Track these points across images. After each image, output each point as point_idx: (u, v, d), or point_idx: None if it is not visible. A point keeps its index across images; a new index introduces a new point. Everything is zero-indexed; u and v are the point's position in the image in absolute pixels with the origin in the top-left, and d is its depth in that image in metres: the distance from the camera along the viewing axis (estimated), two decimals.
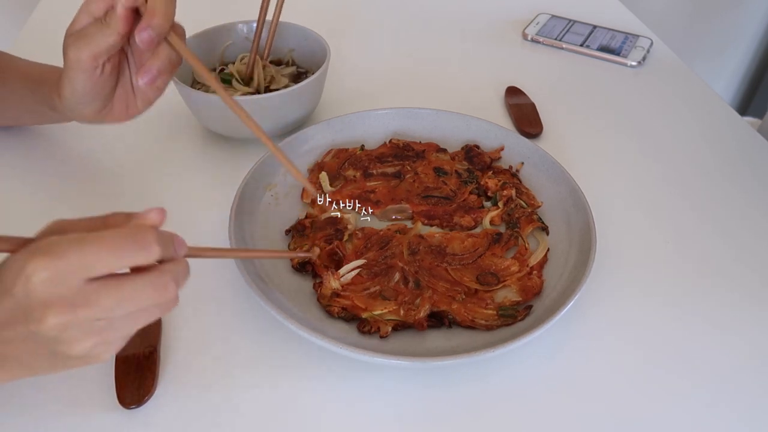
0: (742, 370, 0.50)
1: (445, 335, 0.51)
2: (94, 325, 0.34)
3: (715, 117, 0.80)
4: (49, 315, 0.32)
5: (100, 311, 0.33)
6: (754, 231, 0.63)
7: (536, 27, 0.96)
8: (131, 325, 0.36)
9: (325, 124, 0.69)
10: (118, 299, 0.34)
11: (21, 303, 0.33)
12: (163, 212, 0.36)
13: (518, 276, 0.55)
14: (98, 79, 0.49)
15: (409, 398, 0.48)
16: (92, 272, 0.33)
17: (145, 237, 0.34)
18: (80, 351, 0.35)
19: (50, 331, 0.33)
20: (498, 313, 0.52)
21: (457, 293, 0.53)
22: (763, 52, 1.78)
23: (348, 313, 0.51)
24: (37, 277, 0.32)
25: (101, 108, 0.52)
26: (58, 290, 0.32)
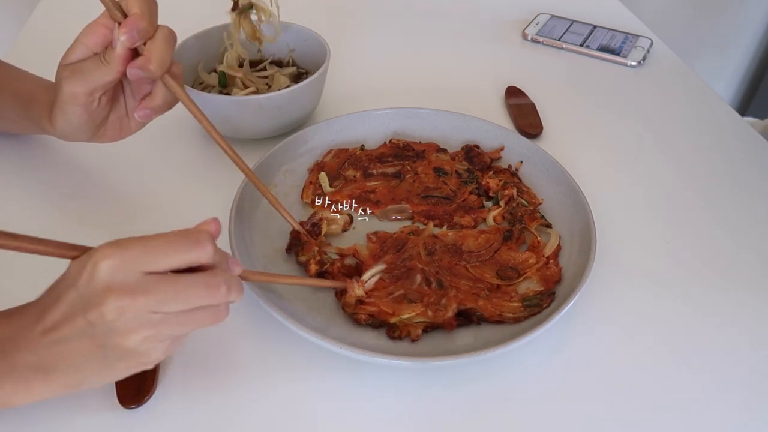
0: (743, 368, 0.50)
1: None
2: (149, 317, 0.36)
3: (715, 117, 0.80)
4: (110, 298, 0.35)
5: (156, 302, 0.35)
6: (755, 231, 0.63)
7: (536, 27, 0.96)
8: (183, 326, 0.38)
9: (325, 124, 0.69)
10: (173, 291, 0.36)
11: (83, 293, 0.35)
12: (218, 222, 0.40)
13: (537, 267, 0.56)
14: (93, 111, 0.50)
15: (410, 398, 0.48)
16: (153, 265, 0.36)
17: (201, 237, 0.38)
18: (133, 343, 0.36)
19: (109, 314, 0.35)
20: (523, 304, 0.52)
21: (480, 290, 0.53)
22: (763, 52, 1.78)
23: (375, 320, 0.51)
24: (103, 263, 0.35)
25: (94, 133, 0.53)
26: (120, 278, 0.35)
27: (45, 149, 0.69)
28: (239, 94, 0.70)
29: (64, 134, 0.53)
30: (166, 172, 0.68)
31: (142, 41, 0.46)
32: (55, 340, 0.36)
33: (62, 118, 0.50)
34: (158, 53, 0.46)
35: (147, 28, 0.45)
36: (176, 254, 0.36)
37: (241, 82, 0.72)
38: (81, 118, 0.50)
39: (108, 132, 0.53)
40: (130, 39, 0.45)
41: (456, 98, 0.79)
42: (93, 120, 0.51)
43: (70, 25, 0.49)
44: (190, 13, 0.92)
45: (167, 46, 0.46)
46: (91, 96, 0.48)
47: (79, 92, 0.48)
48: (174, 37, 0.47)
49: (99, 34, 0.47)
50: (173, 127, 0.73)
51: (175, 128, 0.73)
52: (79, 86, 0.47)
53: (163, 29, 0.47)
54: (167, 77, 0.48)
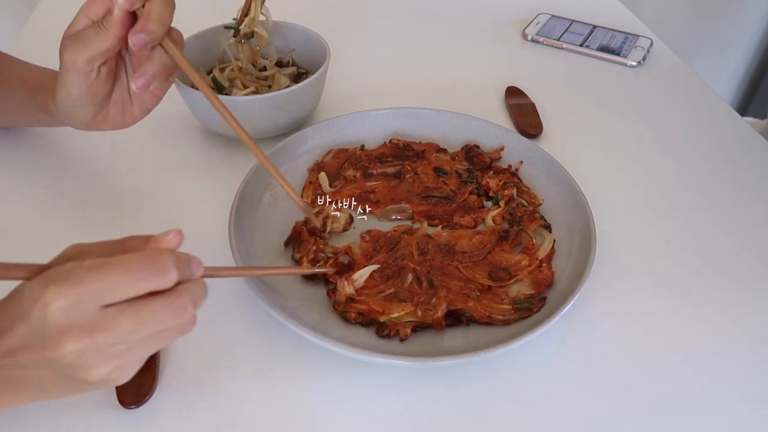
0: (743, 368, 0.50)
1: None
2: (112, 349, 0.34)
3: (715, 117, 0.80)
4: (67, 342, 0.32)
5: (118, 336, 0.33)
6: (755, 231, 0.63)
7: (536, 27, 0.96)
8: (149, 348, 0.36)
9: (325, 124, 0.69)
10: (136, 323, 0.33)
11: (37, 330, 0.33)
12: (180, 234, 0.36)
13: (529, 270, 0.56)
14: (93, 82, 0.49)
15: (410, 398, 0.48)
16: (109, 298, 0.33)
17: (163, 261, 0.34)
18: (98, 376, 0.34)
19: (67, 357, 0.33)
20: (514, 307, 0.52)
21: (471, 291, 0.53)
22: (763, 52, 1.78)
23: (365, 318, 0.51)
24: (54, 304, 0.32)
25: (96, 113, 0.52)
26: (75, 317, 0.32)
27: (46, 146, 0.69)
28: (239, 94, 0.70)
29: (66, 110, 0.52)
30: (166, 170, 0.68)
31: (141, 3, 0.45)
32: (14, 365, 0.34)
33: (62, 90, 0.50)
34: (157, 11, 0.45)
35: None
36: (135, 284, 0.33)
37: (241, 83, 0.72)
38: (80, 88, 0.49)
39: (110, 115, 0.52)
40: (127, 0, 0.44)
41: (456, 98, 0.79)
42: (93, 93, 0.50)
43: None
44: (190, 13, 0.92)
45: (166, 4, 0.45)
46: (90, 64, 0.47)
47: (78, 60, 0.47)
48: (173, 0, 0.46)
49: (100, 3, 0.46)
50: (174, 126, 0.73)
51: (176, 127, 0.73)
52: (78, 54, 0.47)
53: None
54: (166, 40, 0.46)
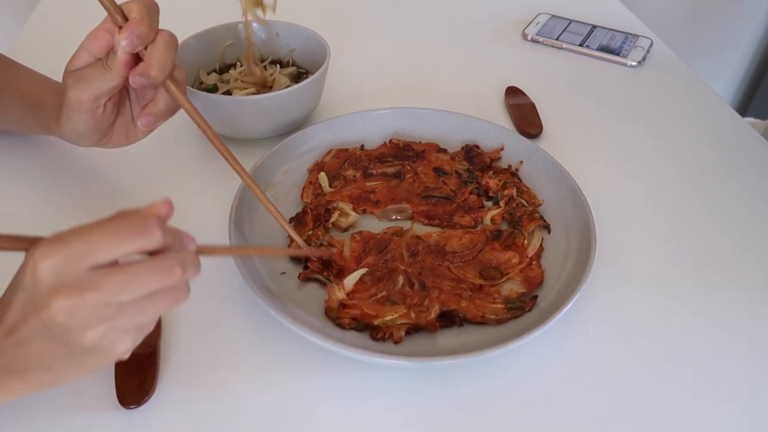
0: (743, 368, 0.50)
1: (457, 334, 0.51)
2: (103, 310, 0.34)
3: (715, 117, 0.80)
4: (56, 299, 0.33)
5: (106, 294, 0.34)
6: (755, 230, 0.63)
7: (536, 27, 0.96)
8: (142, 313, 0.36)
9: (325, 124, 0.69)
10: (123, 281, 0.34)
11: (30, 294, 0.34)
12: (169, 203, 0.37)
13: (520, 267, 0.56)
14: (99, 117, 0.50)
15: (410, 398, 0.48)
16: (96, 258, 0.33)
17: (147, 222, 0.35)
18: (92, 339, 0.35)
19: (58, 315, 0.33)
20: (506, 306, 0.52)
21: (463, 291, 0.53)
22: (763, 52, 1.78)
23: (359, 323, 0.51)
24: (43, 263, 0.33)
25: (101, 139, 0.53)
26: (63, 277, 0.33)
27: (46, 149, 0.69)
28: (239, 94, 0.70)
29: (72, 139, 0.54)
30: (166, 171, 0.68)
31: (143, 46, 0.46)
32: (16, 342, 0.35)
33: (69, 124, 0.51)
34: (159, 58, 0.46)
35: (147, 32, 0.45)
36: (121, 244, 0.34)
37: (241, 82, 0.72)
38: (87, 124, 0.50)
39: (115, 138, 0.54)
40: (130, 44, 0.45)
41: (456, 98, 0.79)
42: (99, 126, 0.51)
43: (70, 24, 0.49)
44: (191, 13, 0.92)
45: (168, 50, 0.46)
46: (96, 102, 0.49)
47: (84, 99, 0.48)
48: (175, 42, 0.47)
49: (102, 39, 0.47)
50: (174, 127, 0.73)
51: (177, 128, 0.73)
52: (83, 93, 0.48)
53: (164, 34, 0.46)
54: (168, 83, 0.48)
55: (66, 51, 0.49)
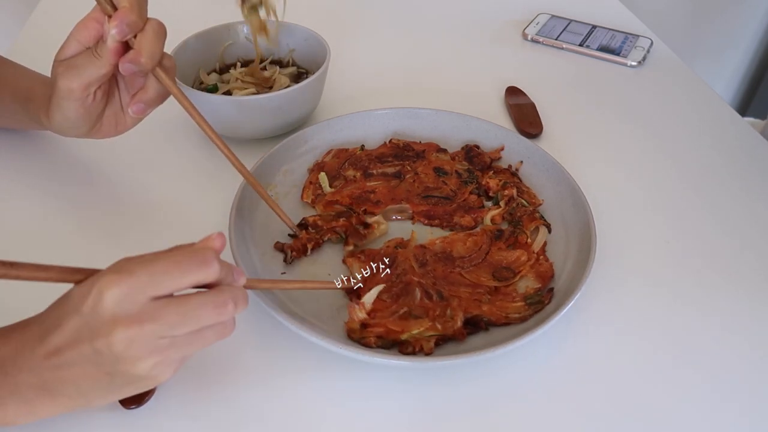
0: (743, 368, 0.50)
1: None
2: (157, 342, 0.35)
3: (715, 117, 0.80)
4: (118, 329, 0.34)
5: (165, 327, 0.35)
6: (755, 230, 0.63)
7: (536, 27, 0.96)
8: (191, 346, 0.37)
9: (325, 124, 0.69)
10: (182, 315, 0.35)
11: (88, 321, 0.34)
12: (222, 237, 0.39)
13: (530, 264, 0.56)
14: (89, 105, 0.50)
15: (411, 398, 0.48)
16: (159, 289, 0.35)
17: (206, 255, 0.37)
18: (142, 370, 0.36)
19: (117, 345, 0.34)
20: (526, 303, 0.52)
21: (481, 295, 0.53)
22: (763, 52, 1.78)
23: (385, 341, 0.49)
24: (108, 293, 0.34)
25: (91, 128, 0.53)
26: (126, 306, 0.34)
27: (45, 146, 0.69)
28: (239, 94, 0.70)
29: (61, 129, 0.53)
30: (166, 171, 0.68)
31: (132, 34, 0.46)
32: (58, 365, 0.36)
33: (59, 113, 0.51)
34: (148, 46, 0.46)
35: (136, 20, 0.45)
36: (183, 277, 0.36)
37: (242, 82, 0.72)
38: (77, 112, 0.50)
39: (104, 127, 0.54)
40: (120, 32, 0.45)
41: (456, 98, 0.79)
42: (89, 114, 0.51)
43: (70, 24, 0.49)
44: (191, 13, 0.92)
45: (157, 38, 0.46)
46: (86, 90, 0.49)
47: (75, 87, 0.48)
48: (164, 30, 0.47)
49: (91, 28, 0.47)
50: (173, 126, 0.73)
51: (176, 127, 0.73)
52: (74, 81, 0.48)
53: (153, 22, 0.47)
54: (158, 70, 0.48)
55: None
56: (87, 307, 0.34)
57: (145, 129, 0.58)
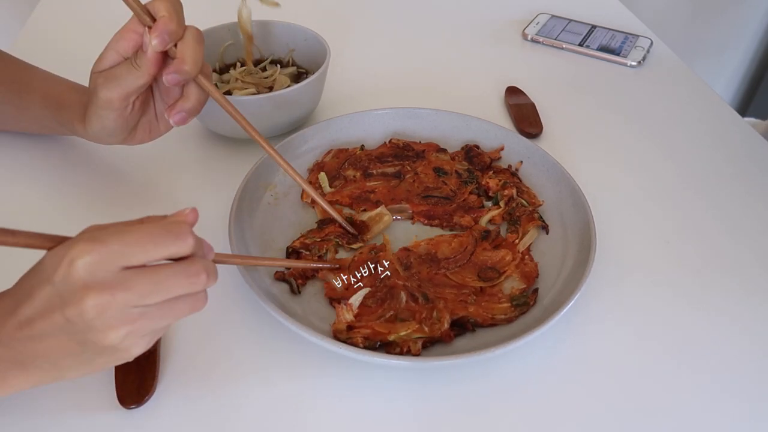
0: (743, 368, 0.50)
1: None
2: (129, 312, 0.35)
3: (715, 117, 0.80)
4: (89, 296, 0.34)
5: (136, 296, 0.35)
6: (755, 231, 0.63)
7: (536, 27, 0.96)
8: (163, 318, 0.37)
9: (325, 124, 0.69)
10: (153, 283, 0.35)
11: (60, 289, 0.34)
12: (196, 211, 0.39)
13: (515, 264, 0.56)
14: (128, 115, 0.51)
15: (410, 399, 0.48)
16: (131, 259, 0.35)
17: (182, 229, 0.36)
18: (114, 340, 0.35)
19: (87, 312, 0.34)
20: (512, 304, 0.52)
21: (466, 296, 0.53)
22: (763, 52, 1.78)
23: (372, 342, 0.48)
24: (80, 260, 0.34)
25: (127, 136, 0.54)
26: (98, 275, 0.34)
27: (46, 147, 0.69)
28: (239, 94, 0.70)
29: (98, 137, 0.55)
30: (166, 170, 0.68)
31: (173, 43, 0.47)
32: (30, 336, 0.35)
33: (98, 123, 0.52)
34: (191, 53, 0.47)
35: (176, 29, 0.46)
36: (156, 249, 0.35)
37: (241, 83, 0.72)
38: (116, 122, 0.51)
39: (138, 134, 0.55)
40: (161, 42, 0.46)
41: (456, 98, 0.79)
42: (127, 124, 0.52)
43: (70, 24, 0.49)
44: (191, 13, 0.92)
45: (198, 45, 0.47)
46: (126, 100, 0.50)
47: (114, 97, 0.49)
48: (202, 37, 0.48)
49: (129, 39, 0.48)
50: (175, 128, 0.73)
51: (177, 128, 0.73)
52: (114, 92, 0.49)
53: (192, 29, 0.48)
54: (200, 77, 0.49)
55: (66, 51, 0.50)
56: (58, 276, 0.34)
57: None
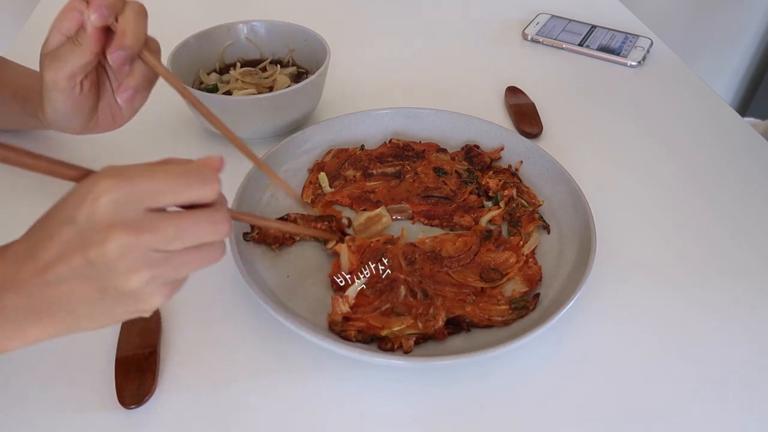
0: (744, 368, 0.50)
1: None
2: (152, 255, 0.34)
3: (715, 117, 0.80)
4: (113, 236, 0.32)
5: (161, 239, 0.33)
6: (754, 231, 0.63)
7: (536, 27, 0.96)
8: (185, 266, 0.35)
9: (325, 124, 0.69)
10: (178, 228, 0.34)
11: (82, 229, 0.33)
12: (222, 159, 0.37)
13: (518, 266, 0.56)
14: (78, 97, 0.49)
15: (410, 398, 0.48)
16: (158, 200, 0.33)
17: (209, 173, 0.35)
18: (135, 284, 0.34)
19: (111, 253, 0.32)
20: (511, 307, 0.52)
21: (466, 296, 0.53)
22: (763, 52, 1.78)
23: (365, 335, 0.49)
24: (106, 197, 0.32)
25: (86, 122, 0.52)
26: (123, 214, 0.33)
27: (45, 147, 0.69)
28: (239, 94, 0.70)
29: (57, 123, 0.52)
30: None
31: (112, 17, 0.45)
32: (48, 282, 0.34)
33: (49, 106, 0.50)
34: (132, 26, 0.45)
35: (115, 2, 0.44)
36: (183, 191, 0.34)
37: (241, 83, 0.72)
38: (66, 104, 0.49)
39: (101, 121, 0.53)
40: (99, 17, 0.44)
41: (456, 98, 0.79)
42: (80, 107, 0.50)
43: None
44: (191, 13, 0.92)
45: (140, 18, 0.46)
46: (71, 81, 0.48)
47: (59, 78, 0.47)
48: (144, 10, 0.46)
49: (71, 18, 0.47)
50: (174, 126, 0.73)
51: (176, 127, 0.73)
52: (58, 72, 0.47)
53: (132, 3, 0.46)
54: (145, 53, 0.47)
55: None
56: (82, 215, 0.32)
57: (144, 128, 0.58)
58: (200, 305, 0.53)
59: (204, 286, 0.54)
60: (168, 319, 0.52)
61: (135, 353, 0.48)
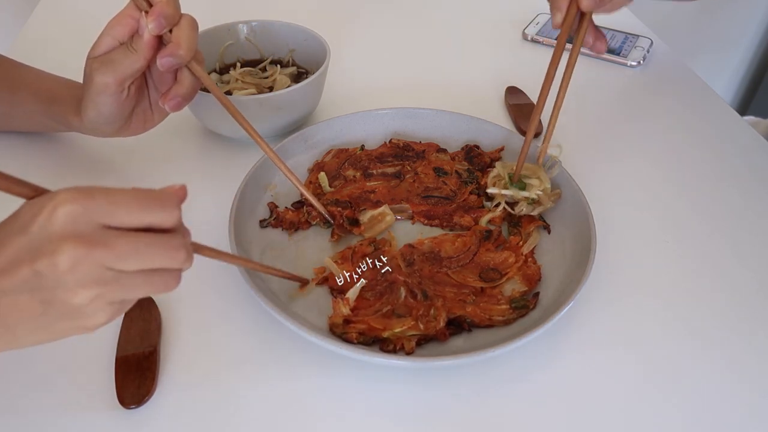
0: (744, 368, 0.50)
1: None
2: (103, 273, 0.33)
3: (715, 117, 0.80)
4: (65, 247, 0.32)
5: (113, 256, 0.33)
6: (754, 231, 0.63)
7: (536, 27, 0.96)
8: (135, 289, 0.35)
9: (325, 124, 0.69)
10: (132, 248, 0.33)
11: (34, 239, 0.32)
12: (185, 188, 0.37)
13: (518, 266, 0.56)
14: (124, 101, 0.52)
15: (410, 398, 0.48)
16: (115, 217, 0.33)
17: (169, 199, 0.35)
18: (81, 300, 0.33)
19: (62, 264, 0.32)
20: (511, 306, 0.52)
21: (466, 296, 0.53)
22: (763, 51, 1.78)
23: (367, 337, 0.49)
24: (63, 209, 0.32)
25: (122, 126, 0.55)
26: (78, 227, 0.32)
27: (45, 147, 0.69)
28: (239, 94, 0.70)
29: (93, 126, 0.55)
30: (166, 170, 0.68)
31: (169, 27, 0.48)
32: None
33: (93, 110, 0.52)
34: (186, 38, 0.48)
35: (173, 14, 0.48)
36: (141, 212, 0.34)
37: (241, 83, 0.72)
38: (111, 108, 0.52)
39: (133, 125, 0.56)
40: (158, 26, 0.47)
41: (456, 98, 0.79)
42: (122, 110, 0.53)
43: (70, 24, 0.49)
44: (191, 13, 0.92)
45: (192, 31, 0.49)
46: (122, 85, 0.50)
47: (110, 82, 0.50)
48: (197, 24, 0.50)
49: (125, 24, 0.49)
50: (174, 126, 0.73)
51: (176, 127, 0.73)
52: (109, 76, 0.50)
53: (187, 16, 0.49)
54: (193, 63, 0.50)
55: (65, 51, 0.50)
56: (37, 225, 0.32)
57: None
58: (201, 306, 0.53)
59: (205, 287, 0.54)
60: (168, 319, 0.52)
61: (135, 353, 0.48)
